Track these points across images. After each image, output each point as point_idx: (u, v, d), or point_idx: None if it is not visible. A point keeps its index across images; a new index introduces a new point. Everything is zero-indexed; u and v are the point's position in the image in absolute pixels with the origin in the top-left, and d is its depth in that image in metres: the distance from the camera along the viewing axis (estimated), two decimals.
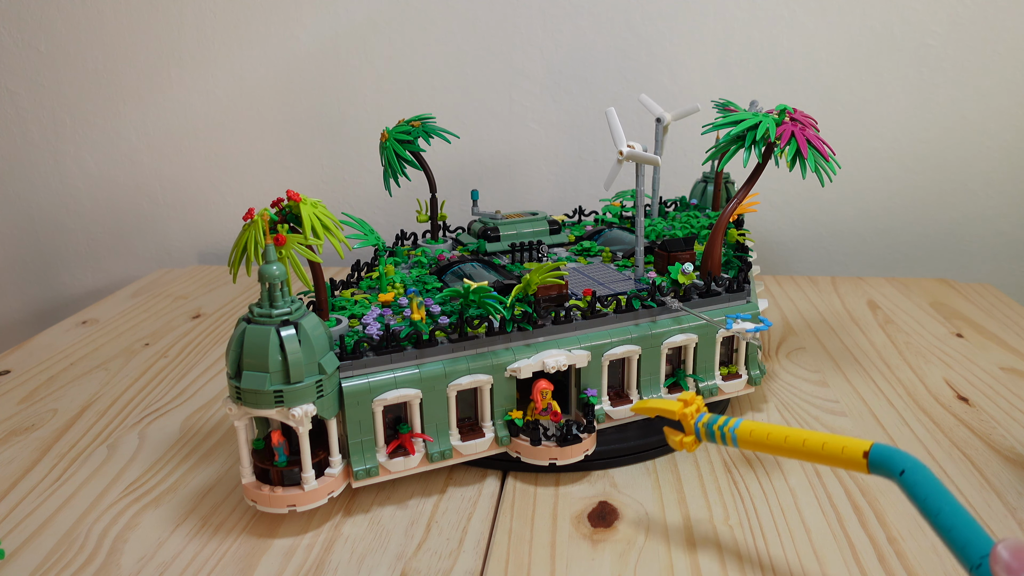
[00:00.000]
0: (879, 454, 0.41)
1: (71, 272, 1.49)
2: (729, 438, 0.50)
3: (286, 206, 0.62)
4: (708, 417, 0.52)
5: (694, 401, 0.54)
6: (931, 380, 0.88)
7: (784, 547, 0.59)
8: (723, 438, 0.50)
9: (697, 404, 0.54)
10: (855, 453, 0.42)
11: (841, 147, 1.26)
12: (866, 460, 0.41)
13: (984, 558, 0.34)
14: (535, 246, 0.87)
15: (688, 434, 0.54)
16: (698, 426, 0.53)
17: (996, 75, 1.23)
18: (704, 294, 0.74)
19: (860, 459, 0.42)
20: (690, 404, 0.54)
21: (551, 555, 0.59)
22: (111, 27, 1.34)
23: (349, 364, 0.61)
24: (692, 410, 0.54)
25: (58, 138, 1.41)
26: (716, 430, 0.51)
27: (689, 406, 0.54)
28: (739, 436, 0.49)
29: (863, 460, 0.41)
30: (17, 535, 0.62)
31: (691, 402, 0.54)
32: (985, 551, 0.34)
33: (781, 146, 0.70)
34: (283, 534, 0.62)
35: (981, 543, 0.35)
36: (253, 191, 1.41)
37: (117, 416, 0.83)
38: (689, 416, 0.53)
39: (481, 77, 1.32)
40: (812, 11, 1.23)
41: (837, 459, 0.43)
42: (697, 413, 0.54)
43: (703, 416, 0.53)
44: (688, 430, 0.54)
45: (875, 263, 1.35)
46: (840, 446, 0.43)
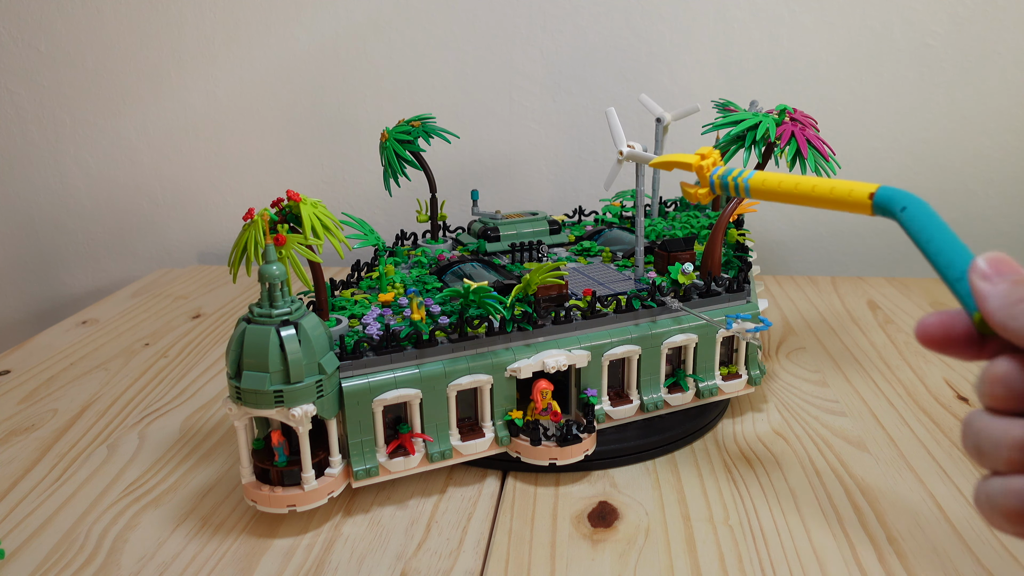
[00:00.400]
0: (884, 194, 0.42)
1: (71, 272, 1.49)
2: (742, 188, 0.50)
3: (286, 206, 0.62)
4: (723, 170, 0.53)
5: (711, 154, 0.55)
6: (931, 380, 0.88)
7: (784, 547, 0.59)
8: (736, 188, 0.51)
9: (714, 157, 0.55)
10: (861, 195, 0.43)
11: (841, 147, 1.26)
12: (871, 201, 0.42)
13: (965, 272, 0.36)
14: (535, 246, 0.87)
15: (703, 186, 0.55)
16: (713, 178, 0.54)
17: (996, 75, 1.23)
18: (704, 294, 0.74)
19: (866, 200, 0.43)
20: (707, 157, 0.55)
21: (551, 555, 0.59)
22: (111, 27, 1.34)
23: (349, 364, 0.61)
24: (708, 163, 0.54)
25: (58, 138, 1.41)
26: (730, 180, 0.51)
27: (706, 159, 0.55)
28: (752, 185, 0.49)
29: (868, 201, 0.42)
30: (17, 535, 0.62)
31: (708, 155, 0.55)
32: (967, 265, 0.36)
33: (781, 146, 0.70)
34: (283, 534, 0.62)
35: (964, 260, 0.37)
36: (253, 191, 1.41)
37: (117, 416, 0.83)
38: (705, 168, 0.54)
39: (481, 77, 1.32)
40: (812, 11, 1.23)
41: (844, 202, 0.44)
42: (713, 166, 0.54)
43: (718, 169, 0.54)
44: (703, 182, 0.55)
45: (875, 263, 1.35)
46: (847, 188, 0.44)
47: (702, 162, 0.54)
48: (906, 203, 0.40)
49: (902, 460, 0.71)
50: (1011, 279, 0.34)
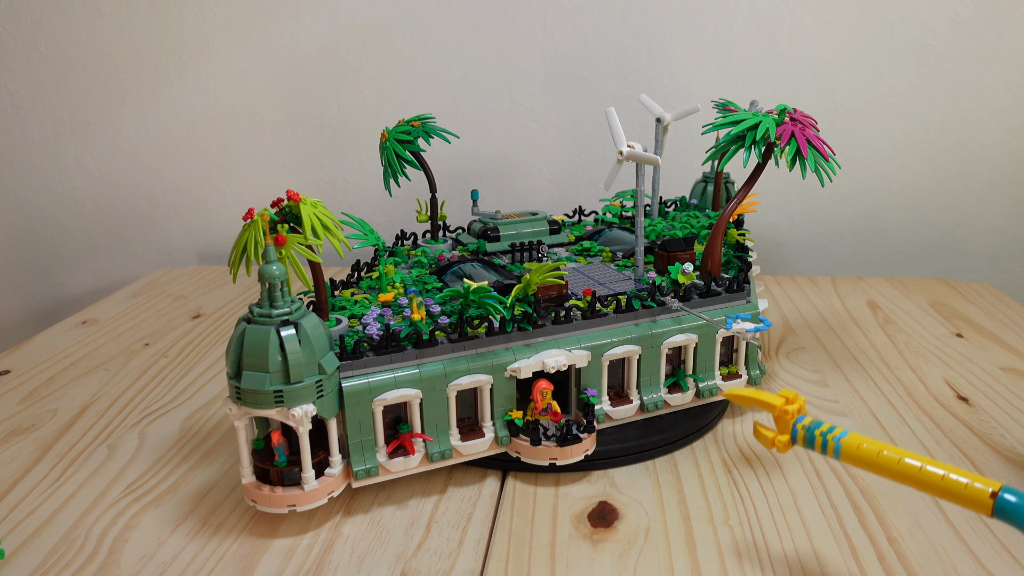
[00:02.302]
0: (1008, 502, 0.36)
1: (71, 272, 1.49)
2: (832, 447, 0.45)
3: (286, 206, 0.62)
4: (810, 420, 0.48)
5: (796, 400, 0.50)
6: (931, 380, 0.88)
7: (784, 547, 0.59)
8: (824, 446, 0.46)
9: (800, 404, 0.50)
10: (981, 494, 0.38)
11: (841, 147, 1.26)
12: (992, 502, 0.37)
13: None
14: (535, 246, 0.87)
15: (783, 433, 0.50)
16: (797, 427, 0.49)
17: (996, 75, 1.23)
18: (704, 294, 0.74)
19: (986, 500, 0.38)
20: (792, 403, 0.50)
21: (551, 555, 0.59)
22: (111, 27, 1.34)
23: (349, 364, 0.61)
24: (794, 408, 0.50)
25: (58, 138, 1.41)
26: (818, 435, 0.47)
27: (791, 404, 0.50)
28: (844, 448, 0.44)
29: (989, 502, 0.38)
30: (17, 535, 0.62)
31: (793, 400, 0.50)
32: None
33: (781, 146, 0.70)
34: (283, 534, 0.62)
35: None
36: (253, 191, 1.41)
37: (117, 416, 0.83)
38: (789, 415, 0.49)
39: (481, 77, 1.32)
40: (812, 11, 1.23)
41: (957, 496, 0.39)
42: (798, 414, 0.50)
43: (803, 418, 0.49)
44: (783, 429, 0.50)
45: (875, 263, 1.35)
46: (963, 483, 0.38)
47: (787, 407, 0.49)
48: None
49: None
50: None
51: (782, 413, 0.50)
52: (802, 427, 0.48)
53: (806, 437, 0.48)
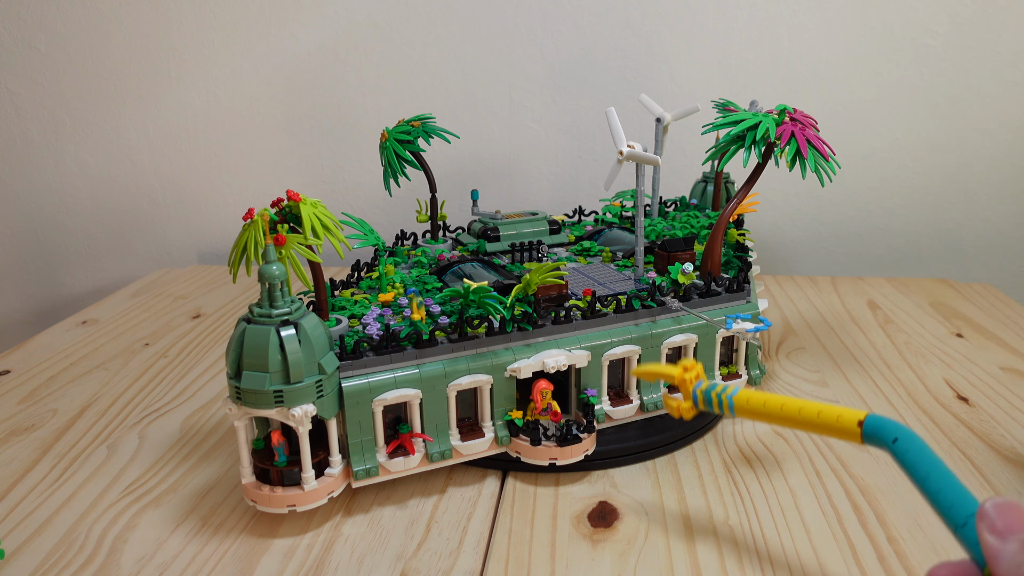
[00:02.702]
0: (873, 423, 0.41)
1: (71, 272, 1.49)
2: (726, 405, 0.50)
3: (286, 206, 0.62)
4: (707, 384, 0.52)
5: (693, 367, 0.54)
6: (931, 380, 0.88)
7: (784, 547, 0.59)
8: (720, 405, 0.50)
9: (696, 371, 0.54)
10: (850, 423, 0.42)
11: (841, 147, 1.26)
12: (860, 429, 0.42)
13: (969, 517, 0.34)
14: (535, 246, 0.87)
15: (686, 400, 0.54)
16: (696, 392, 0.53)
17: (996, 75, 1.23)
18: (704, 294, 0.74)
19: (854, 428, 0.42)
20: (689, 370, 0.54)
21: (551, 555, 0.59)
22: (111, 27, 1.34)
23: (349, 364, 0.61)
24: (691, 376, 0.54)
25: (58, 138, 1.41)
26: (714, 396, 0.51)
27: (688, 371, 0.54)
28: (736, 404, 0.49)
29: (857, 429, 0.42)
30: (17, 535, 0.62)
31: (691, 368, 0.54)
32: (971, 511, 0.35)
33: (781, 146, 0.70)
34: (283, 534, 0.62)
35: (967, 504, 0.35)
36: (253, 191, 1.41)
37: (117, 416, 0.83)
38: (688, 382, 0.54)
39: (481, 77, 1.32)
40: (812, 11, 1.23)
41: (831, 428, 0.44)
42: (696, 379, 0.54)
43: (701, 383, 0.53)
44: (686, 396, 0.54)
45: (875, 263, 1.35)
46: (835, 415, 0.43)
47: (684, 375, 0.54)
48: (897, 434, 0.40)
49: None
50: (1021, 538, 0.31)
51: (681, 381, 0.54)
52: (700, 391, 0.53)
53: (704, 399, 0.52)
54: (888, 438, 0.40)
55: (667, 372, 0.55)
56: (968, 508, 0.35)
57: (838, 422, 0.43)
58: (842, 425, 0.43)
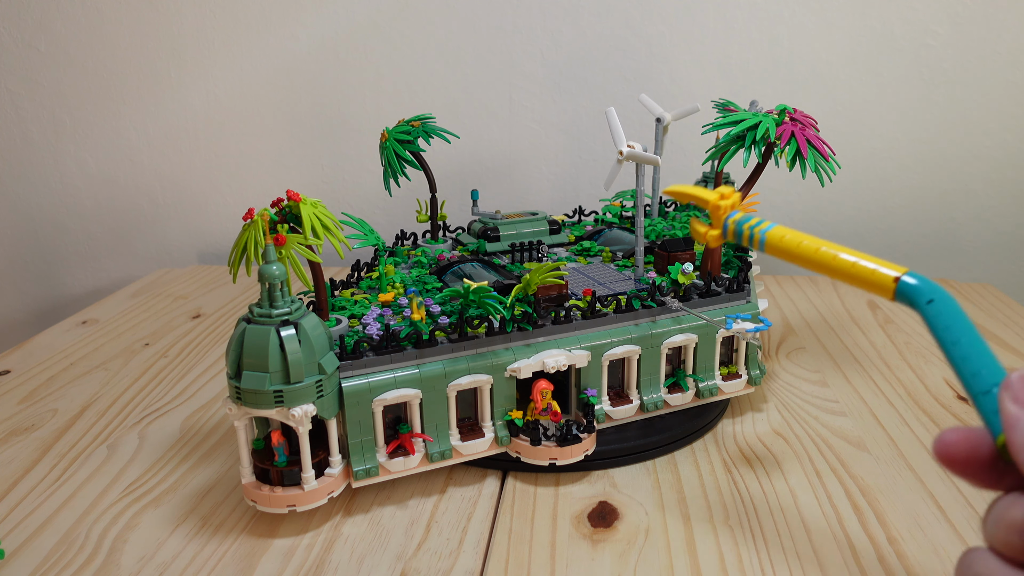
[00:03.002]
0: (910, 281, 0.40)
1: (71, 272, 1.49)
2: (757, 240, 0.47)
3: (286, 206, 0.62)
4: (741, 215, 0.50)
5: (731, 195, 0.52)
6: (931, 380, 0.88)
7: (784, 547, 0.59)
8: (751, 239, 0.48)
9: (733, 200, 0.51)
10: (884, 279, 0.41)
11: (841, 147, 1.26)
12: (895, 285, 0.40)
13: (994, 386, 0.34)
14: (535, 246, 0.87)
15: (716, 227, 0.52)
16: (728, 222, 0.50)
17: (996, 75, 1.23)
18: (704, 294, 0.74)
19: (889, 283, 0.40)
20: (726, 197, 0.51)
21: (551, 555, 0.59)
22: (111, 27, 1.34)
23: (349, 364, 0.61)
24: (727, 204, 0.51)
25: (58, 138, 1.41)
26: (746, 229, 0.48)
27: (725, 199, 0.51)
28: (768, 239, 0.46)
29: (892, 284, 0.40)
30: (17, 535, 0.62)
31: (728, 196, 0.52)
32: (997, 380, 0.34)
33: (781, 146, 0.70)
34: (283, 534, 0.62)
35: (995, 373, 0.34)
36: (253, 191, 1.41)
37: (117, 416, 0.83)
38: (722, 209, 0.51)
39: (481, 77, 1.32)
40: (812, 11, 1.23)
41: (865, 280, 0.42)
42: (731, 208, 0.51)
43: (735, 213, 0.51)
44: (716, 223, 0.51)
45: None
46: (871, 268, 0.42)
47: (720, 201, 0.51)
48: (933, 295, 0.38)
49: (902, 460, 0.71)
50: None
51: (715, 208, 0.52)
52: (733, 221, 0.50)
53: (735, 231, 0.50)
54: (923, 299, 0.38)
55: (703, 195, 0.53)
56: (994, 377, 0.34)
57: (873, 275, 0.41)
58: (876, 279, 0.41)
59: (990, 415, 0.33)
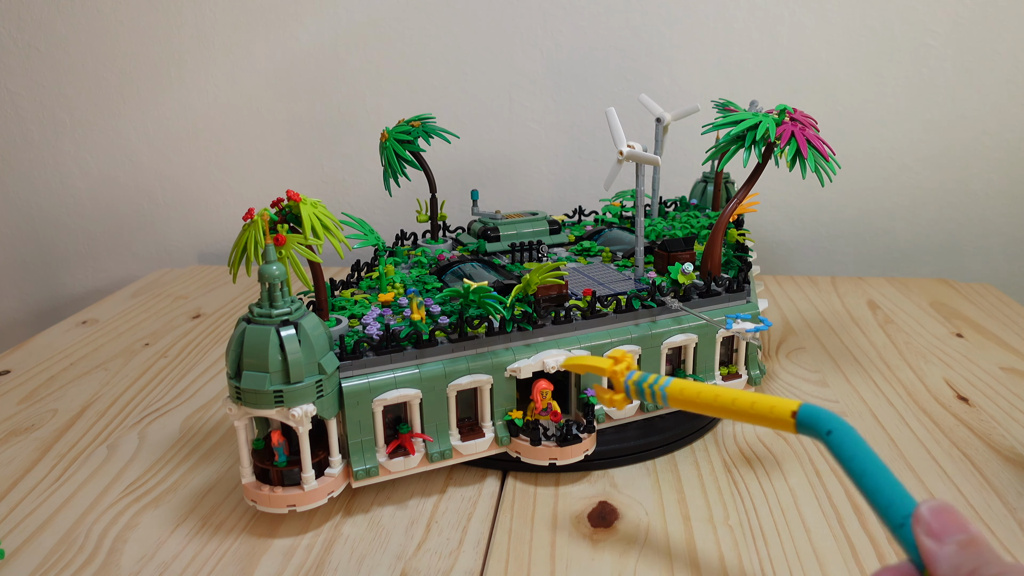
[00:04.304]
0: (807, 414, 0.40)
1: (71, 272, 1.49)
2: (659, 396, 0.49)
3: (286, 206, 0.62)
4: (638, 375, 0.52)
5: (624, 359, 0.54)
6: (931, 380, 0.88)
7: (784, 547, 0.59)
8: (653, 396, 0.50)
9: (627, 362, 0.54)
10: (783, 413, 0.41)
11: (841, 147, 1.26)
12: (794, 420, 0.41)
13: (907, 518, 0.34)
14: (535, 246, 0.87)
15: (618, 391, 0.54)
16: (628, 383, 0.52)
17: (996, 75, 1.23)
18: (704, 294, 0.74)
19: (788, 419, 0.41)
20: (620, 362, 0.54)
21: (551, 555, 0.59)
22: (111, 27, 1.34)
23: (349, 364, 0.61)
24: (622, 368, 0.53)
25: (58, 138, 1.41)
26: (646, 388, 0.50)
27: (619, 363, 0.53)
28: (669, 394, 0.48)
29: (791, 420, 0.41)
30: (17, 535, 0.62)
31: (620, 360, 0.54)
32: (908, 511, 0.34)
33: (781, 146, 0.70)
34: (283, 534, 0.62)
35: (904, 504, 0.35)
36: (253, 191, 1.41)
37: (117, 416, 0.83)
38: (619, 373, 0.53)
39: (481, 77, 1.32)
40: (812, 11, 1.23)
41: (766, 419, 0.43)
42: (627, 371, 0.53)
43: (633, 374, 0.52)
44: (618, 388, 0.53)
45: (875, 263, 1.35)
46: (769, 406, 0.42)
47: (615, 367, 0.53)
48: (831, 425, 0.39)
49: (902, 460, 0.71)
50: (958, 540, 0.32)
51: (612, 374, 0.53)
52: (632, 382, 0.52)
53: (637, 390, 0.51)
54: (822, 430, 0.39)
55: (597, 365, 0.55)
56: (905, 508, 0.34)
57: (772, 412, 0.42)
58: (776, 415, 0.42)
59: (910, 548, 0.34)
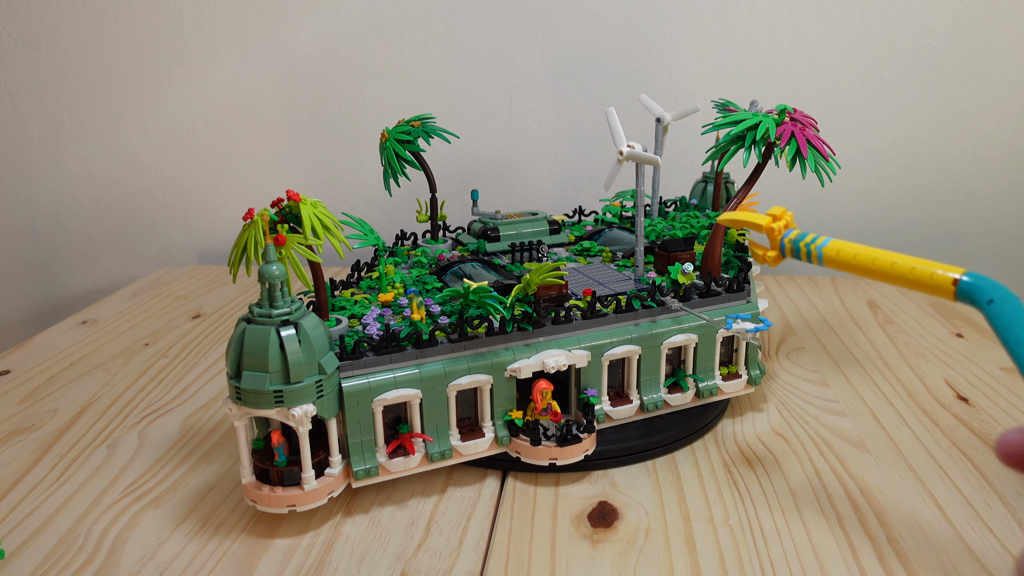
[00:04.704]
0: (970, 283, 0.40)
1: (71, 272, 1.49)
2: (815, 255, 0.49)
3: (286, 206, 0.62)
4: (796, 232, 0.51)
5: (783, 216, 0.53)
6: (931, 380, 0.88)
7: (784, 547, 0.59)
8: (808, 255, 0.49)
9: (787, 219, 0.53)
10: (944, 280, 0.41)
11: (841, 147, 1.26)
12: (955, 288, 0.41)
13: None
14: (535, 246, 0.87)
15: (773, 248, 0.53)
16: (784, 241, 0.52)
17: (996, 75, 1.23)
18: (704, 294, 0.74)
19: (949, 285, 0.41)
20: (779, 219, 0.53)
21: (551, 555, 0.59)
22: (111, 27, 1.34)
23: (349, 364, 0.61)
24: (780, 225, 0.53)
25: (58, 138, 1.41)
26: (803, 246, 0.50)
27: (778, 220, 0.53)
28: (825, 254, 0.48)
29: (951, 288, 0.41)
30: (17, 535, 0.62)
31: (780, 217, 0.53)
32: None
33: (781, 146, 0.70)
34: (283, 534, 0.62)
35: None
36: (253, 191, 1.41)
37: (117, 416, 0.83)
38: (777, 231, 0.52)
39: (481, 77, 1.32)
40: (812, 11, 1.23)
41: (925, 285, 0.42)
42: (786, 228, 0.53)
43: (791, 232, 0.52)
44: (773, 244, 0.53)
45: None
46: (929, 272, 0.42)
47: (774, 224, 0.52)
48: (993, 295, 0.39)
49: (902, 460, 0.71)
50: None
51: (770, 230, 0.53)
52: (788, 240, 0.52)
53: (792, 248, 0.51)
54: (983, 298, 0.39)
55: (756, 221, 0.54)
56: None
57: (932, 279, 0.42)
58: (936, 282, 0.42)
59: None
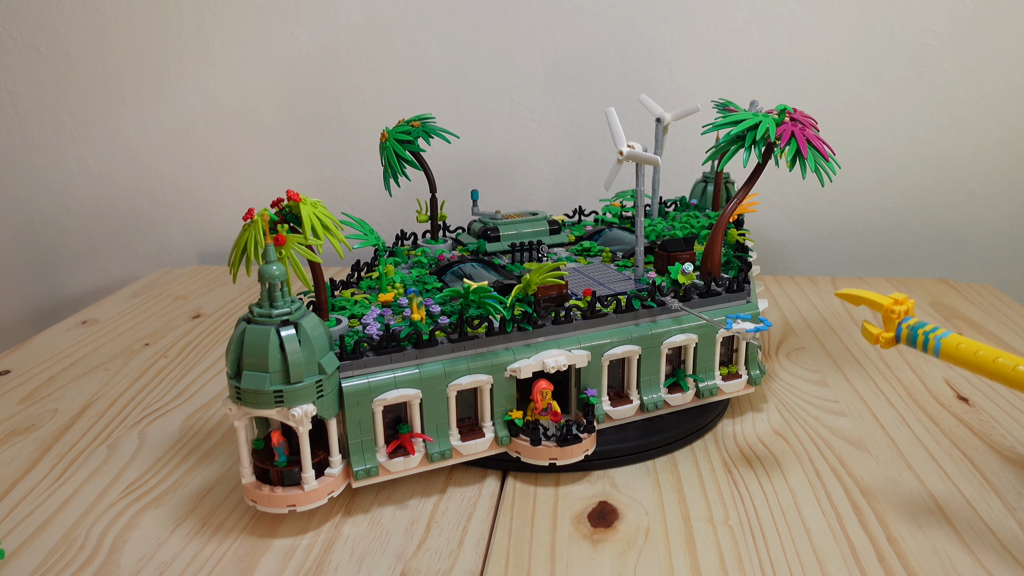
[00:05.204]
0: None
1: (71, 272, 1.49)
2: (932, 346, 0.49)
3: (286, 206, 0.62)
4: (915, 321, 0.52)
5: (905, 302, 0.54)
6: (931, 380, 0.88)
7: (784, 547, 0.59)
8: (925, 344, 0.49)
9: (908, 306, 0.54)
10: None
11: (841, 147, 1.26)
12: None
13: None
14: (535, 246, 0.87)
15: (888, 331, 0.53)
16: (902, 326, 0.52)
17: (996, 75, 1.23)
18: (704, 294, 0.74)
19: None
20: (901, 303, 0.53)
21: (551, 555, 0.59)
22: (111, 27, 1.34)
23: (349, 364, 0.61)
24: (901, 310, 0.53)
25: (58, 138, 1.41)
26: (920, 334, 0.50)
27: (899, 305, 0.53)
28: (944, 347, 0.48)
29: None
30: (17, 535, 0.62)
31: (902, 302, 0.54)
32: None
33: (781, 146, 0.70)
34: (283, 534, 0.62)
35: None
36: (253, 191, 1.41)
37: (117, 416, 0.83)
38: (896, 315, 0.53)
39: (481, 77, 1.32)
40: (812, 11, 1.23)
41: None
42: (905, 314, 0.53)
43: (910, 318, 0.52)
44: (889, 327, 0.53)
45: (875, 263, 1.35)
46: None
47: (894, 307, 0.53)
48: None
49: (902, 460, 0.71)
50: None
51: (889, 312, 0.53)
52: (907, 327, 0.52)
53: (909, 336, 0.51)
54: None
55: (877, 300, 0.54)
56: None
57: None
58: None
59: None
